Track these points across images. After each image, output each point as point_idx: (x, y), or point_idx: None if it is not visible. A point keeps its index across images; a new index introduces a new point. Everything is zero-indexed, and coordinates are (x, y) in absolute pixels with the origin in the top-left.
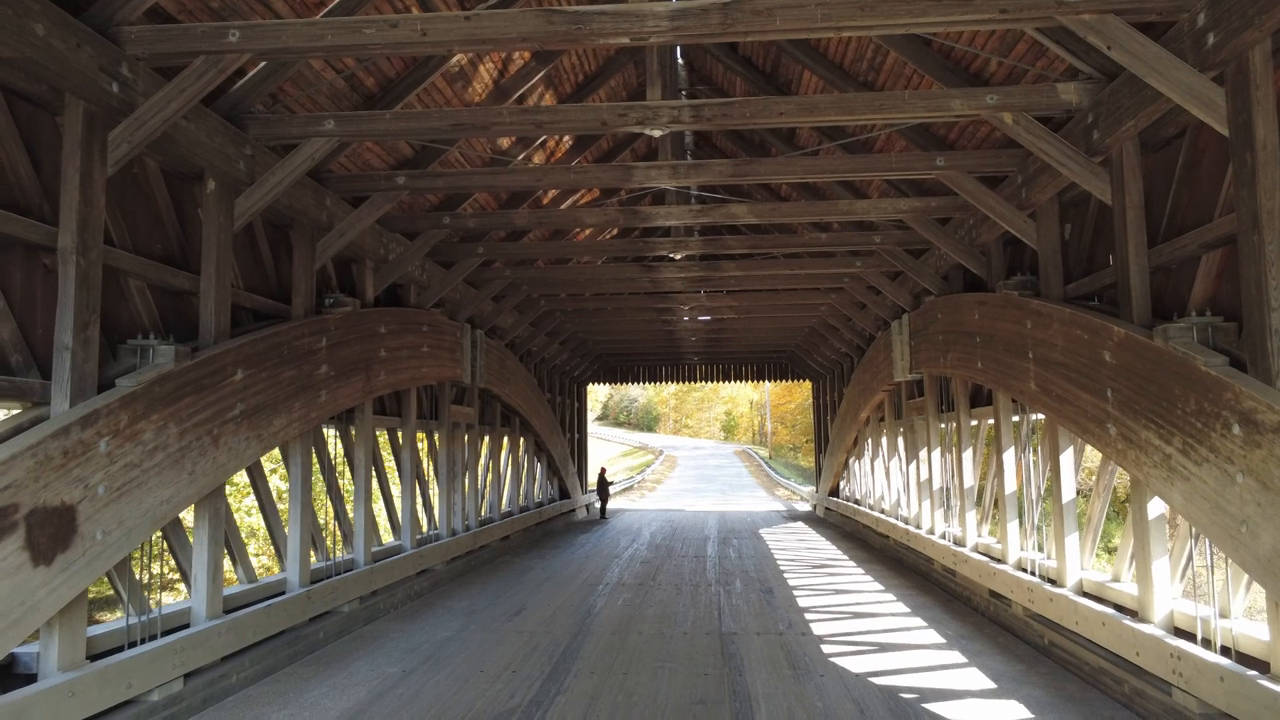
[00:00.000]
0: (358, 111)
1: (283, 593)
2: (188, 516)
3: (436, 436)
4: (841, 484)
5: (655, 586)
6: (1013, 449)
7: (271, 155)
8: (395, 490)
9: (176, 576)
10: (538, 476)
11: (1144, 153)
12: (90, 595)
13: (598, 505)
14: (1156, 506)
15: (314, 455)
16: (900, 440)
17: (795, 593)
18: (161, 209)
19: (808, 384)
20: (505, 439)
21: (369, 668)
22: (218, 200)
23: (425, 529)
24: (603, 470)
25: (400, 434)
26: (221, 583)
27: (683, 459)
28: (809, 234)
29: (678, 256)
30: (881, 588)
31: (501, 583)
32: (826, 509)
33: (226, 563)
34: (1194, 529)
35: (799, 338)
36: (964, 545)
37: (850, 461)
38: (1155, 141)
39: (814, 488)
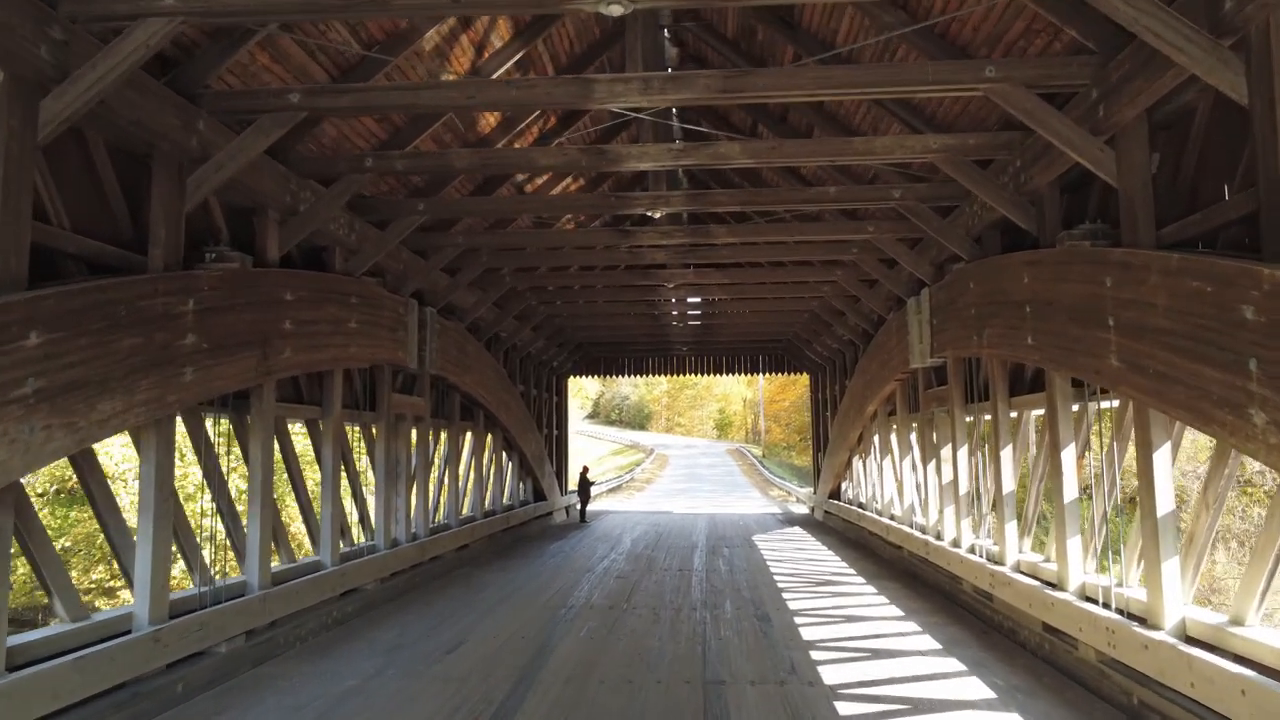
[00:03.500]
0: None
1: (127, 631)
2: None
3: (375, 430)
4: (844, 485)
5: (629, 610)
6: (1072, 445)
7: (96, 44)
8: (334, 493)
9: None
10: (507, 477)
11: None
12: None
13: (578, 508)
14: None
15: (207, 451)
16: (913, 437)
17: (797, 619)
18: None
19: (805, 378)
20: (468, 435)
21: None
22: (10, 98)
23: (360, 539)
24: (584, 470)
25: (322, 426)
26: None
27: (674, 457)
28: (814, 190)
29: (657, 215)
30: (900, 613)
31: (448, 604)
32: (826, 512)
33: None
34: None
35: (797, 325)
36: (1003, 563)
37: (854, 461)
38: None
39: (811, 489)
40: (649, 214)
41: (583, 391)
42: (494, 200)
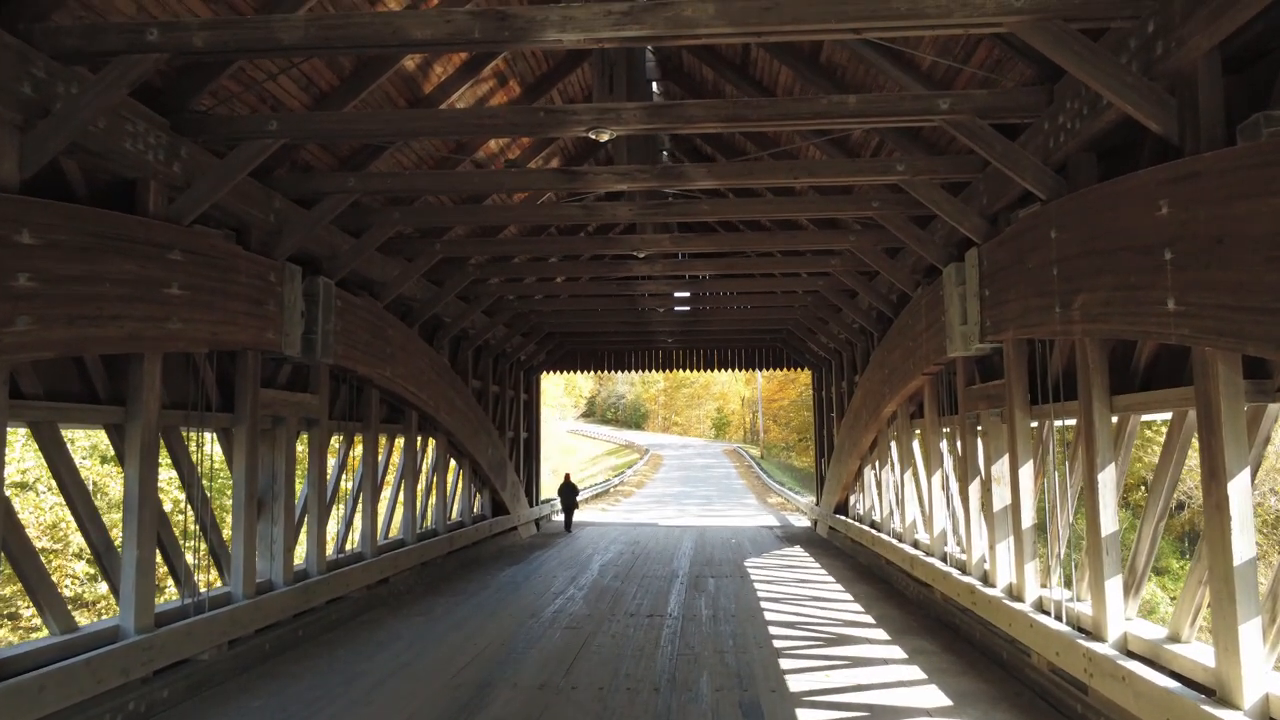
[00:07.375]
0: None
1: None
2: None
3: (236, 437)
4: (853, 499)
5: (565, 693)
6: (1246, 472)
7: None
8: (141, 527)
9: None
10: (454, 489)
11: None
12: None
13: (558, 519)
14: None
15: None
16: (944, 445)
17: (800, 714)
18: None
19: (806, 375)
20: (399, 440)
21: None
22: None
23: (216, 584)
24: (567, 476)
25: (127, 433)
26: None
27: (669, 458)
28: (828, 101)
29: (605, 137)
30: (948, 702)
31: (321, 677)
32: (831, 528)
33: None
34: None
35: (797, 311)
36: (1103, 637)
37: (865, 471)
38: None
39: (814, 499)
40: (593, 135)
41: (577, 390)
42: (367, 116)
